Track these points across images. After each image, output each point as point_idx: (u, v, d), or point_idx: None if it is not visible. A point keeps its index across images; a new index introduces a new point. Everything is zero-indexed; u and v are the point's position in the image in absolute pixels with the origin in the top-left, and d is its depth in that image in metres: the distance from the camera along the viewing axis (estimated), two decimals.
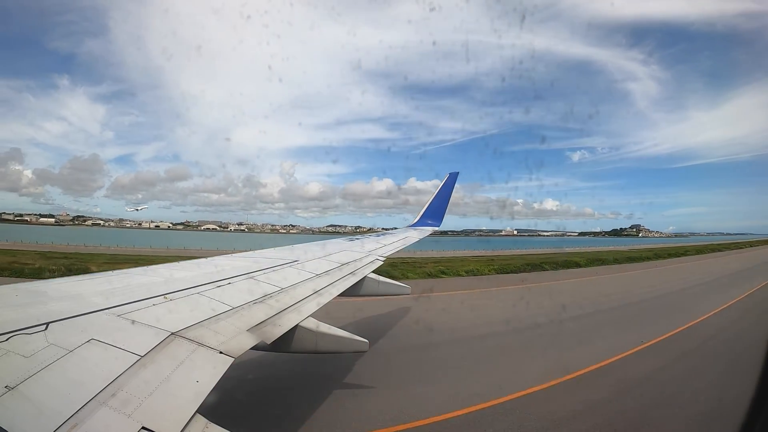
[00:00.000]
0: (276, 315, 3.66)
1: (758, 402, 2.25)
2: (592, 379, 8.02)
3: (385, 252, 7.86)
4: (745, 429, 2.19)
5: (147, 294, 3.34)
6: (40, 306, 2.79)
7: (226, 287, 3.98)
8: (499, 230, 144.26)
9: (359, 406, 6.49)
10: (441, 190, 12.28)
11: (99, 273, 4.34)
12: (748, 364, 3.61)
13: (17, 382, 1.86)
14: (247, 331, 3.15)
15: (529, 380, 7.60)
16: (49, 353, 2.14)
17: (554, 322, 12.58)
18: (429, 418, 6.15)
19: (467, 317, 13.22)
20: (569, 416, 6.41)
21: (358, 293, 6.13)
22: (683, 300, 17.86)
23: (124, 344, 2.42)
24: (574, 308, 14.59)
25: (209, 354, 2.64)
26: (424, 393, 7.12)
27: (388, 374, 7.83)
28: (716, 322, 13.24)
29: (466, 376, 8.10)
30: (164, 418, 1.92)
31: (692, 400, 7.15)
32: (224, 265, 4.96)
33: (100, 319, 2.71)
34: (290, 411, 6.23)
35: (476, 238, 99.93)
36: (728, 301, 16.53)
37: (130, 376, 2.13)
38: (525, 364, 8.95)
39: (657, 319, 13.77)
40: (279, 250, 6.70)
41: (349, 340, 4.61)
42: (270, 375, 7.41)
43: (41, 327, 2.39)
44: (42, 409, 1.76)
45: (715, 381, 8.14)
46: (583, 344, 10.36)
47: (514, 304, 16.52)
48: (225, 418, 2.17)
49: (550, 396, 7.15)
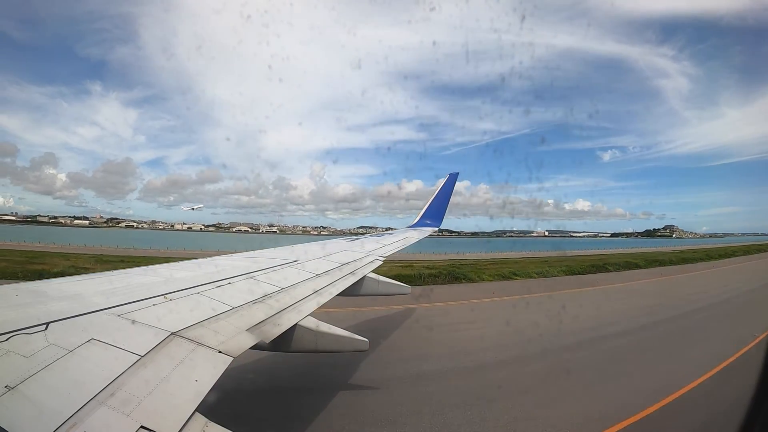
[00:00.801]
0: (276, 315, 3.66)
1: (758, 402, 2.25)
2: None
3: (385, 252, 7.86)
4: (745, 429, 2.19)
5: (147, 294, 3.34)
6: (40, 306, 2.79)
7: (226, 287, 3.98)
8: (530, 231, 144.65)
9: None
10: (441, 191, 12.28)
11: (99, 273, 4.34)
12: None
13: (17, 382, 1.85)
14: (246, 331, 3.15)
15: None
16: (49, 353, 2.14)
17: (675, 319, 13.64)
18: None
19: (602, 316, 13.96)
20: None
21: (358, 293, 6.14)
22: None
23: (124, 344, 2.42)
24: (678, 306, 15.57)
25: (208, 353, 2.64)
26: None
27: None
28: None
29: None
30: (163, 417, 1.93)
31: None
32: (224, 265, 4.96)
33: (100, 319, 2.71)
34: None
35: (508, 240, 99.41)
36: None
37: (130, 375, 2.13)
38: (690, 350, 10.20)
39: (759, 313, 14.73)
40: (279, 250, 6.70)
41: (349, 339, 4.62)
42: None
43: (41, 327, 2.39)
44: (42, 409, 1.76)
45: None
46: (713, 336, 11.59)
47: (623, 303, 17.12)
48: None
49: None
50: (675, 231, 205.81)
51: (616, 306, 16.25)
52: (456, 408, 6.55)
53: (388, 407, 6.49)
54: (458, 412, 6.39)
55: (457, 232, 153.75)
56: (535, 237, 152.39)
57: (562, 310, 14.26)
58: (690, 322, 13.44)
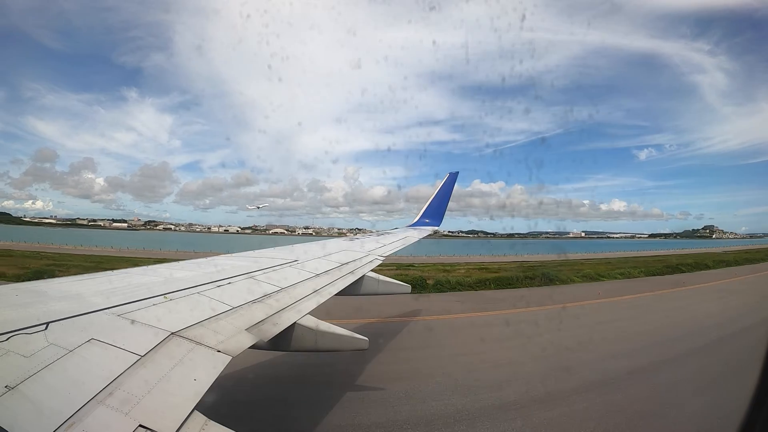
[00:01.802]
0: (275, 314, 3.66)
1: (758, 402, 2.25)
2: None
3: (385, 252, 7.86)
4: (745, 429, 2.19)
5: (147, 294, 3.34)
6: (40, 306, 2.79)
7: (226, 287, 3.98)
8: (567, 232, 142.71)
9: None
10: (440, 190, 12.27)
11: (99, 272, 4.34)
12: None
13: (17, 382, 1.86)
14: (245, 330, 3.15)
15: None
16: (49, 353, 2.14)
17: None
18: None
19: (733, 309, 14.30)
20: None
21: (358, 292, 6.13)
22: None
23: (124, 344, 2.42)
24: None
25: (207, 353, 2.64)
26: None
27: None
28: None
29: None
30: (162, 416, 1.93)
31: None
32: (224, 265, 4.96)
33: (100, 319, 2.71)
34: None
35: (546, 241, 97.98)
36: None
37: (130, 375, 2.13)
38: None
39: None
40: (279, 250, 6.69)
41: (349, 338, 4.61)
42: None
43: (41, 327, 2.39)
44: (42, 409, 1.76)
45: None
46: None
47: (738, 299, 17.24)
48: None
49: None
50: (715, 231, 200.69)
51: (731, 303, 16.36)
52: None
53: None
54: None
55: (492, 234, 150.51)
56: (571, 238, 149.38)
57: (696, 305, 14.72)
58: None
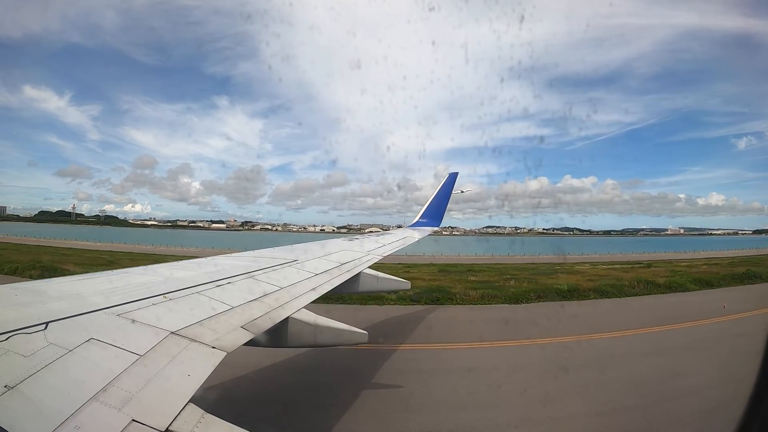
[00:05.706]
0: (272, 310, 3.68)
1: (755, 401, 2.25)
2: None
3: (385, 252, 7.87)
4: (743, 428, 2.19)
5: (147, 293, 3.34)
6: (39, 305, 2.79)
7: (226, 286, 3.99)
8: (664, 229, 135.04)
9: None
10: (440, 191, 12.28)
11: (99, 272, 4.34)
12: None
13: (17, 382, 1.86)
14: (241, 327, 3.18)
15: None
16: (48, 353, 2.14)
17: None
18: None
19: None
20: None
21: (356, 290, 6.15)
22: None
23: (123, 344, 2.43)
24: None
25: (203, 349, 2.66)
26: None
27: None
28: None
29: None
30: (155, 411, 1.96)
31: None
32: (224, 265, 4.97)
33: (99, 319, 2.72)
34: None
35: (643, 239, 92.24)
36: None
37: (129, 374, 2.15)
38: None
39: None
40: (279, 250, 6.71)
41: (348, 332, 4.62)
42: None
43: (41, 326, 2.39)
44: (42, 409, 1.77)
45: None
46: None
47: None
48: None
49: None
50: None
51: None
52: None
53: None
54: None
55: (588, 231, 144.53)
56: (669, 235, 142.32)
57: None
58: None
